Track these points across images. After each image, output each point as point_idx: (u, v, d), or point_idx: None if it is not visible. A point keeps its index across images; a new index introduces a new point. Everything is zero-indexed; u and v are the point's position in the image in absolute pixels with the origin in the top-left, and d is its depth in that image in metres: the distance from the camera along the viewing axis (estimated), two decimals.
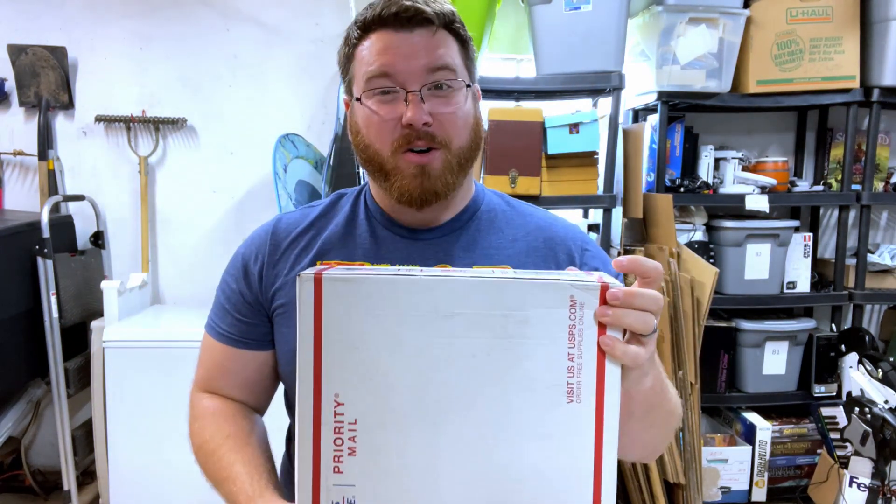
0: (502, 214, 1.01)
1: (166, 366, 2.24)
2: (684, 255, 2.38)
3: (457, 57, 0.91)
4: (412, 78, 0.87)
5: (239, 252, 1.03)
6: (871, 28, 2.51)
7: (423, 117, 0.87)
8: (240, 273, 1.00)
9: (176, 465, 2.25)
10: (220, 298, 1.02)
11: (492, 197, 1.04)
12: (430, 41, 0.88)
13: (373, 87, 0.89)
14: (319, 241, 0.99)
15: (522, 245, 0.97)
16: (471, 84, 0.92)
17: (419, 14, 0.86)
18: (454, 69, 0.89)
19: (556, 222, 1.02)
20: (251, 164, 2.77)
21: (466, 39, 0.93)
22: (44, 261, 2.36)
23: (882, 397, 2.24)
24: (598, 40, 2.31)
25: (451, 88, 0.89)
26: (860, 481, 2.26)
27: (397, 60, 0.87)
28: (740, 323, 2.60)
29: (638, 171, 2.47)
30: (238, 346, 1.00)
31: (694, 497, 2.36)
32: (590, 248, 1.00)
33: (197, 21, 2.73)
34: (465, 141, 0.92)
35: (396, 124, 0.88)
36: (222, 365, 1.02)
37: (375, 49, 0.88)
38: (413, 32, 0.87)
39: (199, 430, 0.99)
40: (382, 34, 0.88)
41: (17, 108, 2.72)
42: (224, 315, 1.01)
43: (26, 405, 2.57)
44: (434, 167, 0.90)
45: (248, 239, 1.04)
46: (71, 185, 2.76)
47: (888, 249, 2.77)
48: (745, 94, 2.52)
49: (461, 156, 0.92)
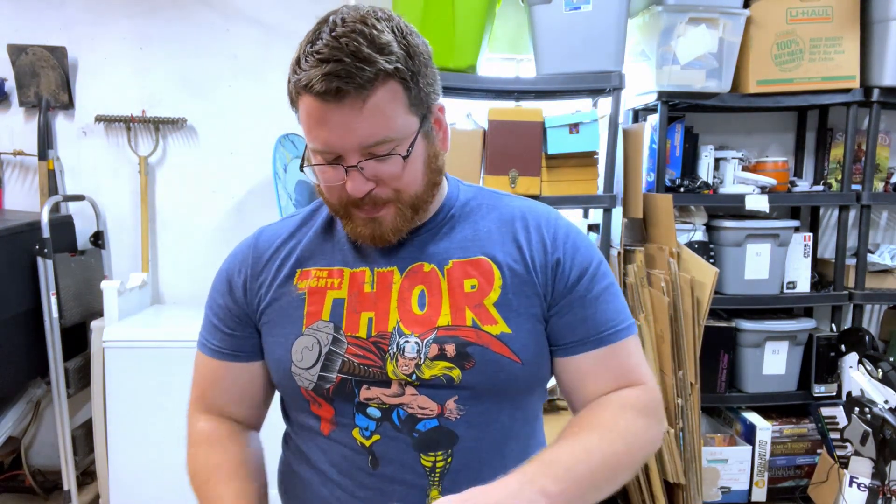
0: (478, 208, 1.00)
1: (166, 366, 2.24)
2: (684, 255, 2.38)
3: (397, 111, 0.85)
4: (348, 153, 0.86)
5: (223, 269, 1.04)
6: (871, 28, 2.51)
7: (363, 188, 0.87)
8: (224, 288, 1.02)
9: (176, 465, 2.23)
10: (208, 316, 1.04)
11: (467, 191, 1.03)
12: (360, 116, 0.83)
13: (316, 157, 0.89)
14: (299, 249, 1.00)
15: (497, 234, 0.97)
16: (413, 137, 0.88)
17: (341, 93, 0.81)
18: (390, 138, 0.85)
19: (534, 209, 1.01)
20: (251, 164, 2.77)
21: (410, 80, 0.85)
22: (44, 261, 2.36)
23: (882, 397, 2.24)
24: (598, 40, 2.31)
25: (391, 154, 0.86)
26: (860, 481, 2.26)
27: (332, 137, 0.85)
28: (740, 323, 2.60)
29: (638, 171, 2.47)
30: (229, 359, 1.01)
31: (694, 497, 2.36)
32: (560, 232, 0.98)
33: (197, 21, 2.73)
34: (418, 187, 0.91)
35: (341, 189, 0.89)
36: (216, 380, 1.03)
37: (312, 118, 0.85)
38: (343, 104, 0.82)
39: (193, 456, 1.01)
40: (315, 102, 0.83)
41: (17, 108, 2.72)
42: (214, 331, 1.02)
43: (26, 405, 2.57)
44: (385, 218, 0.91)
45: (230, 255, 1.05)
46: (71, 185, 2.76)
47: (888, 249, 2.77)
48: (745, 94, 2.52)
49: (416, 201, 0.92)
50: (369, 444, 0.92)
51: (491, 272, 0.94)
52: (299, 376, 0.94)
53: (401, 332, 0.92)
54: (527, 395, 0.98)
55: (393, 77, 0.84)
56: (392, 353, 0.91)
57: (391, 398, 0.91)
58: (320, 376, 0.92)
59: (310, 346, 0.93)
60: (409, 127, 0.88)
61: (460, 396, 0.91)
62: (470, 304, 0.92)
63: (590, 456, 0.84)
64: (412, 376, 0.90)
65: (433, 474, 0.91)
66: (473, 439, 0.91)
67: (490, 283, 0.93)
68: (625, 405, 0.92)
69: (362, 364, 0.92)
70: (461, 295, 0.93)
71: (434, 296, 0.93)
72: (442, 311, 0.92)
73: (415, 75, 0.86)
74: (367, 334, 0.92)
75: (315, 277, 0.97)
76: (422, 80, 0.88)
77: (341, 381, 0.92)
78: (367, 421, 0.92)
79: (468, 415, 0.91)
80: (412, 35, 0.88)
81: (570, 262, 0.95)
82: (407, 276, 0.95)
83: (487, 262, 0.94)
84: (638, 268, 2.37)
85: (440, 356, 0.90)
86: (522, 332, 0.93)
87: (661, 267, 2.38)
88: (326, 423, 0.95)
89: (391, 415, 0.91)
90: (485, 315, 0.92)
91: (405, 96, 0.86)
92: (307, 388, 0.94)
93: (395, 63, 0.83)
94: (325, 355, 0.93)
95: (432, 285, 0.94)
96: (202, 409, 1.05)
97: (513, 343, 0.91)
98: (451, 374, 0.90)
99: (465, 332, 0.91)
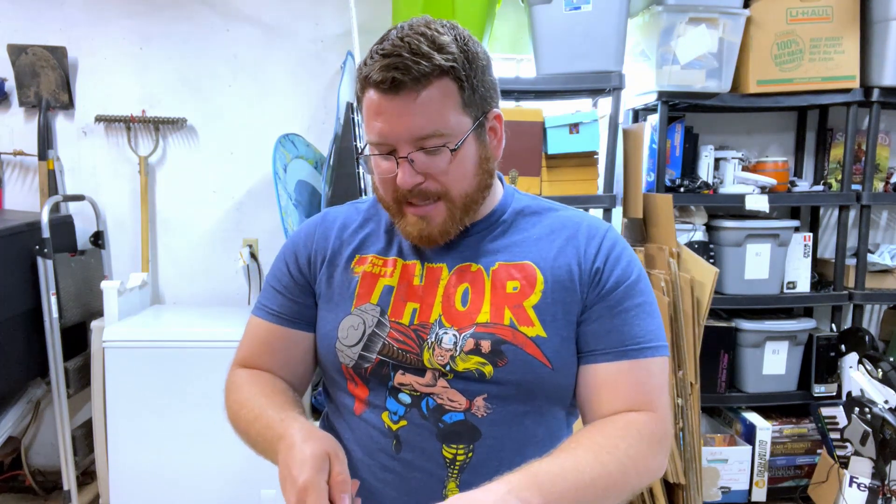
0: (528, 216, 1.04)
1: (166, 366, 2.24)
2: (684, 255, 2.38)
3: (449, 109, 0.90)
4: (400, 143, 0.90)
5: (288, 243, 1.10)
6: (871, 28, 2.51)
7: (412, 181, 0.91)
8: (291, 258, 1.07)
9: (176, 465, 2.25)
10: (269, 282, 1.09)
11: (521, 199, 1.07)
12: (413, 107, 0.88)
13: (372, 150, 0.94)
14: (361, 235, 1.05)
15: (545, 242, 1.00)
16: (464, 136, 0.91)
17: (397, 83, 0.87)
18: (441, 132, 0.90)
19: (583, 220, 1.03)
20: (251, 164, 2.77)
21: (464, 80, 0.91)
22: (44, 261, 2.36)
23: (882, 397, 2.24)
24: (598, 40, 2.31)
25: (441, 147, 0.91)
26: (860, 481, 2.26)
27: (386, 127, 0.90)
28: (740, 323, 2.60)
29: (638, 171, 2.47)
30: (287, 325, 1.05)
31: (694, 497, 2.36)
32: (606, 243, 0.99)
33: (197, 21, 2.73)
34: (468, 187, 0.95)
35: (393, 181, 0.93)
36: (267, 343, 1.07)
37: (371, 110, 0.91)
38: (398, 96, 0.88)
39: (234, 389, 1.03)
40: (374, 94, 0.90)
41: (17, 108, 2.72)
42: (274, 295, 1.07)
43: (26, 405, 2.57)
44: (435, 218, 0.95)
45: (298, 229, 1.12)
46: (71, 185, 2.76)
47: (888, 249, 2.77)
48: (745, 94, 2.52)
49: (465, 202, 0.95)
50: (396, 428, 0.95)
51: (534, 276, 0.97)
52: (342, 353, 0.98)
53: (441, 324, 0.95)
54: (553, 403, 0.98)
55: (448, 74, 0.89)
56: (430, 343, 0.94)
57: (423, 387, 0.94)
58: (361, 355, 0.97)
59: (355, 326, 0.98)
60: (462, 125, 0.92)
61: (489, 395, 0.93)
62: (510, 303, 0.95)
63: (580, 473, 0.82)
64: (446, 367, 0.93)
65: (453, 466, 0.93)
66: (496, 438, 0.93)
67: (532, 287, 0.96)
68: (629, 428, 0.90)
69: (401, 349, 0.95)
70: (503, 295, 0.96)
71: (477, 293, 0.97)
72: (483, 308, 0.95)
73: (470, 77, 0.92)
74: (409, 322, 0.97)
75: (371, 264, 1.02)
76: (477, 83, 0.93)
77: (379, 362, 0.96)
78: (398, 406, 0.95)
79: (494, 414, 0.93)
80: (472, 42, 0.94)
81: (609, 272, 0.97)
82: (454, 273, 0.99)
83: (532, 267, 0.98)
84: None
85: (475, 351, 0.93)
86: (557, 338, 0.95)
87: (661, 267, 2.38)
88: (360, 403, 0.98)
89: (420, 403, 0.94)
90: (523, 316, 0.95)
91: (459, 95, 0.91)
92: (348, 366, 0.98)
93: (451, 62, 0.89)
94: (367, 336, 0.97)
95: (477, 284, 0.97)
96: (244, 366, 1.08)
97: (546, 347, 0.94)
98: (484, 369, 0.93)
99: (501, 331, 0.94)
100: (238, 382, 1.04)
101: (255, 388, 1.01)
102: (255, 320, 1.08)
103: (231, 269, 2.79)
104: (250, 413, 0.97)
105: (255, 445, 0.96)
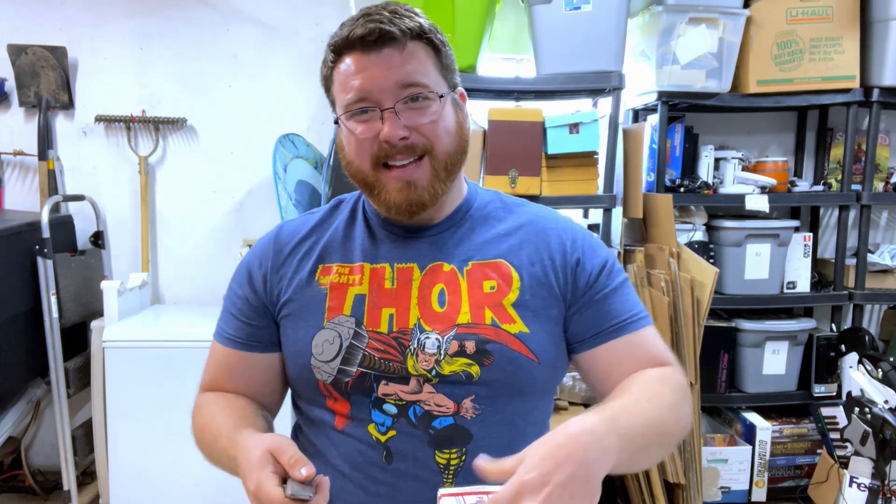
0: (495, 211, 1.03)
1: (166, 366, 2.24)
2: (684, 255, 2.38)
3: (430, 68, 0.92)
4: (385, 96, 0.90)
5: (243, 261, 1.07)
6: (871, 28, 2.51)
7: (399, 132, 0.90)
8: (244, 279, 1.04)
9: (176, 464, 2.25)
10: (226, 306, 1.06)
11: (485, 195, 1.06)
12: (399, 58, 0.90)
13: (350, 108, 0.92)
14: (320, 246, 1.02)
15: (514, 239, 1.00)
16: (444, 95, 0.94)
17: (385, 34, 0.88)
18: (426, 83, 0.91)
19: (548, 215, 1.05)
20: (251, 164, 2.77)
21: (440, 47, 0.94)
22: (44, 261, 2.36)
23: (882, 397, 2.24)
24: (598, 40, 2.31)
25: (427, 99, 0.91)
26: (860, 481, 2.26)
27: (369, 81, 0.89)
28: (740, 323, 2.60)
29: (638, 171, 2.47)
30: (244, 348, 1.03)
31: (694, 497, 2.36)
32: (578, 235, 1.02)
33: (197, 21, 2.73)
34: (450, 146, 0.94)
35: (374, 140, 0.91)
36: (228, 367, 1.04)
37: (348, 72, 0.91)
38: (382, 52, 0.89)
39: (198, 412, 1.03)
40: (353, 56, 0.90)
41: (17, 107, 2.72)
42: (230, 320, 1.04)
43: (26, 405, 2.57)
44: (420, 178, 0.93)
45: (251, 249, 1.08)
46: (71, 185, 2.76)
47: (888, 249, 2.77)
48: (745, 94, 2.52)
49: (447, 161, 0.94)
50: (385, 439, 0.93)
51: (510, 275, 0.97)
52: (319, 369, 0.95)
53: (422, 328, 0.94)
54: (540, 396, 1.00)
55: (426, 37, 0.92)
56: (413, 349, 0.93)
57: (409, 395, 0.93)
58: (340, 370, 0.94)
59: (331, 340, 0.95)
60: (440, 86, 0.94)
61: (477, 395, 0.93)
62: (489, 303, 0.95)
63: (644, 419, 0.84)
64: (432, 372, 0.92)
65: (447, 471, 0.92)
66: (487, 438, 0.93)
67: (509, 285, 0.96)
68: (665, 379, 0.94)
69: (383, 358, 0.93)
70: (480, 295, 0.95)
71: (454, 294, 0.96)
72: (462, 309, 0.95)
73: (443, 45, 0.95)
74: (388, 330, 0.94)
75: (337, 273, 0.99)
76: (448, 53, 0.96)
77: (361, 374, 0.93)
78: (384, 417, 0.93)
79: (483, 414, 0.93)
80: None
81: (589, 260, 0.99)
82: (426, 273, 0.97)
83: (506, 266, 0.97)
84: (638, 268, 2.37)
85: (460, 352, 0.92)
86: (540, 332, 0.95)
87: (661, 267, 2.38)
88: (342, 417, 0.96)
89: (407, 411, 0.93)
90: (503, 314, 0.94)
91: (436, 58, 0.94)
92: (326, 382, 0.95)
93: (428, 24, 0.93)
94: (345, 349, 0.94)
95: (452, 284, 0.96)
96: (209, 390, 1.06)
97: (531, 342, 0.94)
98: (471, 370, 0.92)
99: (484, 330, 0.93)
100: (201, 406, 1.03)
101: (216, 409, 0.99)
102: (216, 345, 1.06)
103: (231, 270, 2.74)
104: (211, 436, 0.96)
105: (223, 468, 0.95)
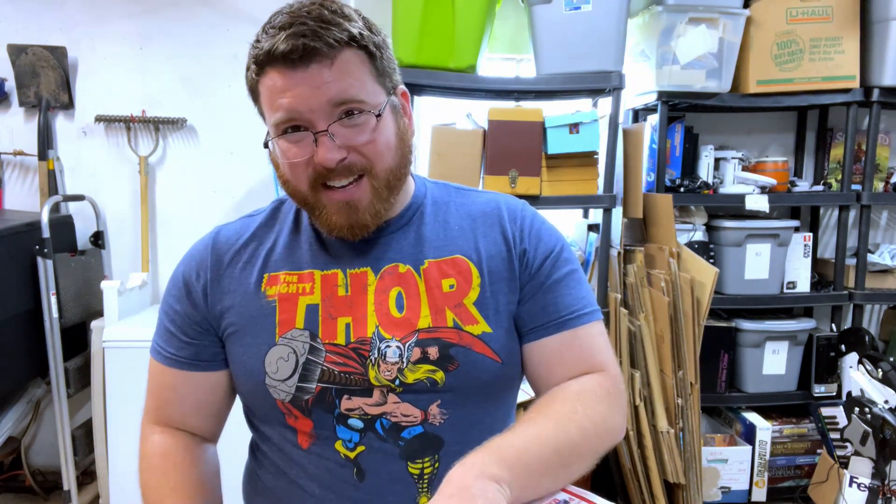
0: (445, 205, 0.99)
1: None
2: (684, 255, 2.38)
3: (365, 78, 0.84)
4: (317, 116, 0.82)
5: (178, 272, 0.98)
6: (871, 28, 2.51)
7: (335, 156, 0.83)
8: (182, 293, 0.96)
9: None
10: (163, 321, 0.98)
11: (433, 189, 1.02)
12: (329, 73, 0.81)
13: (280, 129, 0.85)
14: (263, 252, 0.96)
15: (470, 232, 0.96)
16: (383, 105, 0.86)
17: (310, 51, 0.80)
18: (361, 98, 0.83)
19: (499, 200, 1.01)
20: (251, 164, 2.77)
21: (375, 51, 0.85)
22: (44, 261, 2.36)
23: (882, 397, 2.24)
24: (598, 40, 2.31)
25: (364, 113, 0.84)
26: (860, 481, 2.26)
27: (297, 101, 0.81)
28: (740, 323, 2.60)
29: (638, 171, 2.47)
30: (187, 368, 0.96)
31: (694, 497, 2.36)
32: (526, 222, 0.98)
33: (197, 21, 2.73)
34: (391, 161, 0.88)
35: (309, 163, 0.84)
36: (173, 390, 0.97)
37: (274, 88, 0.82)
38: (308, 69, 0.80)
39: (146, 472, 0.96)
40: (278, 72, 0.82)
41: (17, 108, 2.72)
42: (170, 338, 0.97)
43: (26, 405, 2.57)
44: (360, 199, 0.87)
45: (185, 256, 0.99)
46: (71, 185, 2.76)
47: (888, 249, 2.77)
48: (745, 94, 2.52)
49: (389, 177, 0.88)
50: (354, 455, 0.89)
51: (469, 271, 0.93)
52: (275, 388, 0.89)
53: (381, 336, 0.89)
54: (505, 392, 0.97)
55: (358, 43, 0.83)
56: (373, 359, 0.88)
57: (373, 408, 0.88)
58: (298, 387, 0.88)
59: (285, 357, 0.89)
60: (378, 96, 0.86)
61: (443, 400, 0.89)
62: (450, 304, 0.91)
63: (542, 442, 0.81)
64: (395, 381, 0.88)
65: (421, 481, 0.89)
66: (459, 442, 0.89)
67: (469, 282, 0.92)
68: (584, 391, 0.90)
69: (343, 372, 0.88)
70: (440, 295, 0.91)
71: (412, 297, 0.91)
72: (422, 312, 0.90)
73: (378, 48, 0.86)
74: (345, 341, 0.89)
75: (284, 283, 0.92)
76: (385, 55, 0.88)
77: (321, 390, 0.88)
78: (350, 433, 0.89)
79: (451, 418, 0.90)
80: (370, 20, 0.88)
81: (533, 250, 0.95)
82: (382, 277, 0.92)
83: (464, 261, 0.93)
84: (638, 268, 2.37)
85: (423, 359, 0.88)
86: (501, 330, 0.92)
87: (661, 267, 2.38)
88: (305, 436, 0.91)
89: (374, 425, 0.89)
90: (465, 315, 0.91)
91: (371, 65, 0.85)
92: (284, 401, 0.89)
93: (359, 29, 0.83)
94: (302, 365, 0.89)
95: (409, 286, 0.91)
96: (157, 420, 0.99)
97: (493, 342, 0.91)
98: (435, 377, 0.88)
99: (446, 334, 0.89)
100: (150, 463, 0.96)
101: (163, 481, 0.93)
102: (155, 364, 0.98)
103: None
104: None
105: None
